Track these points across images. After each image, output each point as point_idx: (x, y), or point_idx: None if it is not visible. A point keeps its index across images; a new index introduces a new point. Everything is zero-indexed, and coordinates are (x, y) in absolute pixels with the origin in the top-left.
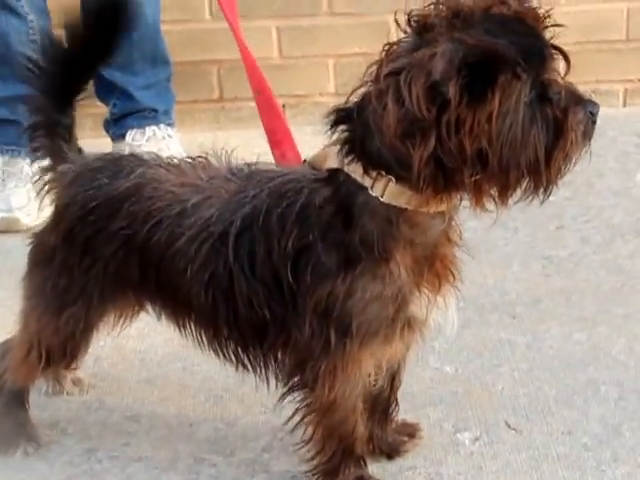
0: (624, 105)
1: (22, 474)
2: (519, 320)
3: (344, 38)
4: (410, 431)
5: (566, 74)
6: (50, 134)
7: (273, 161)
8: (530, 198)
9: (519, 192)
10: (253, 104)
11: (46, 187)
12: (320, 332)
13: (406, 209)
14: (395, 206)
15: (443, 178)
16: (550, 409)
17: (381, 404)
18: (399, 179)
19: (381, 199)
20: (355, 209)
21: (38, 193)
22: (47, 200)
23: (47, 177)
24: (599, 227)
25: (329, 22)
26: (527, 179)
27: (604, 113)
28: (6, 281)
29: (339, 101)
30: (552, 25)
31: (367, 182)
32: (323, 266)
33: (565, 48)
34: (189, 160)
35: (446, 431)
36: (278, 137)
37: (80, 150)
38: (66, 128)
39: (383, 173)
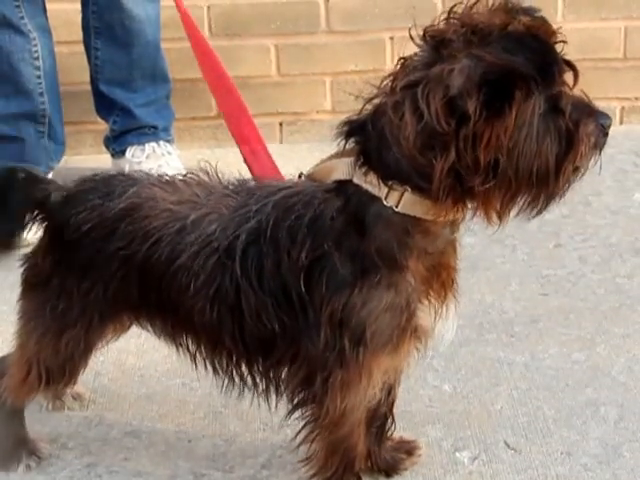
0: (621, 123)
1: None
2: (517, 339)
3: (341, 56)
4: (408, 448)
5: (574, 86)
6: (23, 187)
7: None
8: (534, 210)
9: (524, 202)
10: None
11: (35, 214)
12: (334, 342)
13: (420, 218)
14: (409, 216)
15: (460, 188)
16: (549, 429)
17: (378, 419)
18: (415, 189)
19: (395, 209)
20: (368, 219)
21: (28, 222)
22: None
23: (37, 211)
24: (597, 246)
25: (327, 40)
26: (535, 189)
27: None
28: (8, 296)
29: (335, 118)
30: (561, 41)
31: (381, 192)
32: (339, 276)
33: None
34: (181, 178)
35: (445, 450)
36: (245, 133)
37: (53, 181)
38: (29, 175)
39: (398, 184)
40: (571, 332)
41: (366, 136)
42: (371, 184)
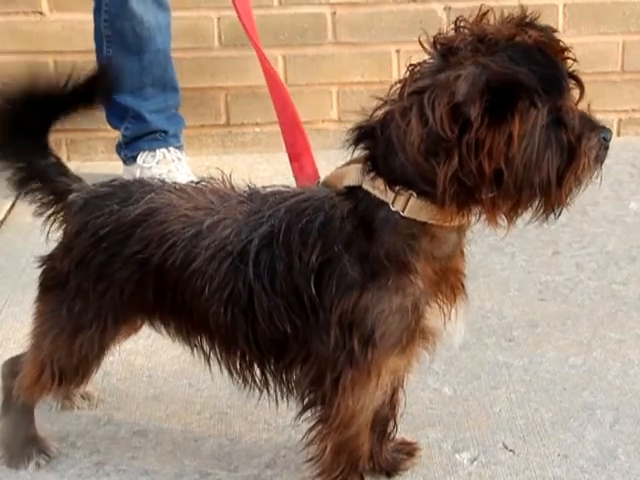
0: (618, 135)
1: None
2: (516, 343)
3: (347, 67)
4: (409, 450)
5: (579, 101)
6: (47, 174)
7: (280, 183)
8: (541, 218)
9: (530, 211)
10: (258, 129)
11: (53, 217)
12: (343, 343)
13: (426, 223)
14: (416, 220)
15: (465, 194)
16: (546, 431)
17: (380, 421)
18: (421, 194)
19: (402, 214)
20: (376, 224)
21: (44, 223)
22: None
23: (53, 209)
24: (594, 253)
25: (333, 52)
26: (539, 199)
27: None
28: (20, 297)
29: (341, 128)
30: (570, 58)
31: (388, 198)
32: (348, 278)
33: None
34: (195, 185)
35: (445, 451)
36: (298, 150)
37: (79, 178)
38: (57, 164)
39: (405, 189)
40: (568, 337)
41: (375, 142)
42: (379, 189)
